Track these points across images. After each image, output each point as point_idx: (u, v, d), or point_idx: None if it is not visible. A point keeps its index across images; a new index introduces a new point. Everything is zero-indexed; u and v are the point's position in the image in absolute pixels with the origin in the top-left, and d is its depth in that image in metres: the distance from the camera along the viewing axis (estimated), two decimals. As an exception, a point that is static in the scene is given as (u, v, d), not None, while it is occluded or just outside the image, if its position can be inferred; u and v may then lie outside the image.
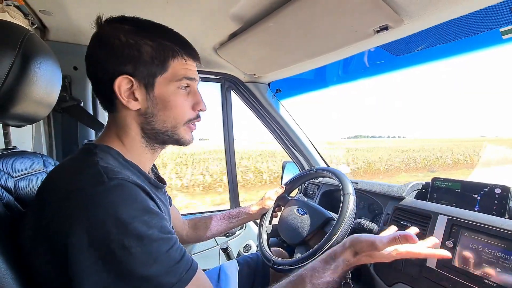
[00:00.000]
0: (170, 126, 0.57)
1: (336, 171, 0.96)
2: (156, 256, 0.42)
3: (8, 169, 0.55)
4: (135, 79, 0.52)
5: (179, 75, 0.55)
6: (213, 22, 0.91)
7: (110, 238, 0.40)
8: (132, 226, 0.41)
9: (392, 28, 0.75)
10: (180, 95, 0.57)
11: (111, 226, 0.40)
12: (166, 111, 0.56)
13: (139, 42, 0.52)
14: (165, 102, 0.55)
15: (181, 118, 0.58)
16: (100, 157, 0.49)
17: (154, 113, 0.55)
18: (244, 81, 1.42)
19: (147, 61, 0.52)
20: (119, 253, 0.40)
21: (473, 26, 0.75)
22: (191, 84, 0.58)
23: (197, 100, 0.60)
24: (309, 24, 0.80)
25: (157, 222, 0.45)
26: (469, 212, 0.75)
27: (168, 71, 0.54)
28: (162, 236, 0.44)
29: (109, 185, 0.43)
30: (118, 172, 0.47)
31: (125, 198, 0.43)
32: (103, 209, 0.41)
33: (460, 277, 0.68)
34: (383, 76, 1.26)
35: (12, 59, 0.50)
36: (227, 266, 1.01)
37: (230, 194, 1.66)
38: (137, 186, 0.46)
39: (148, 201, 0.46)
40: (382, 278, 0.91)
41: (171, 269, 0.43)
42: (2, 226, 0.46)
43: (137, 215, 0.42)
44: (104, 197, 0.42)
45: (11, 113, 0.53)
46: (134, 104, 0.54)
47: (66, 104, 1.01)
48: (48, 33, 0.96)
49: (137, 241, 0.41)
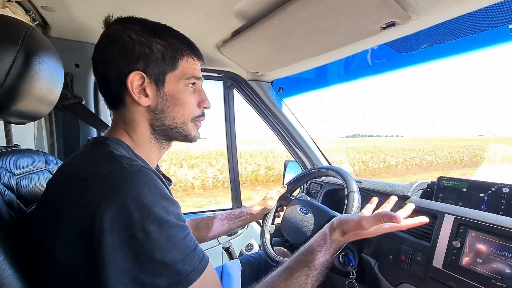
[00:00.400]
0: (179, 122, 0.59)
1: (340, 170, 0.95)
2: (174, 242, 0.43)
3: (9, 167, 0.54)
4: (146, 75, 0.54)
5: (188, 73, 0.58)
6: (216, 19, 0.90)
7: (132, 222, 0.40)
8: (153, 210, 0.42)
9: (399, 25, 0.73)
10: (188, 93, 0.59)
11: (134, 209, 0.41)
12: (176, 107, 0.58)
13: (149, 40, 0.54)
14: (174, 99, 0.57)
15: (189, 115, 0.60)
16: (113, 148, 0.51)
17: (164, 109, 0.57)
18: (246, 79, 1.41)
19: (158, 59, 0.54)
20: (140, 236, 0.40)
21: (481, 23, 0.74)
22: (197, 82, 0.61)
23: (202, 97, 0.62)
24: (314, 21, 0.79)
25: (174, 210, 0.46)
26: (476, 212, 0.74)
27: (178, 69, 0.57)
28: (178, 223, 0.45)
29: (130, 171, 0.44)
30: (135, 160, 0.48)
31: (147, 183, 0.44)
32: (126, 193, 0.42)
33: (467, 277, 0.68)
34: (385, 75, 1.25)
35: (14, 54, 0.49)
36: (229, 265, 1.01)
37: (232, 193, 1.66)
38: (154, 173, 0.48)
39: (165, 188, 0.48)
40: (387, 278, 0.90)
41: (187, 257, 0.44)
42: (4, 224, 0.45)
43: (158, 201, 0.44)
44: (126, 182, 0.43)
45: (12, 110, 0.52)
46: (145, 100, 0.55)
47: (68, 102, 1.00)
48: (49, 29, 0.95)
49: (158, 225, 0.42)
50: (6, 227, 0.45)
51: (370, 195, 1.13)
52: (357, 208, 0.80)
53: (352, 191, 0.84)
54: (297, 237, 0.94)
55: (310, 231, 0.91)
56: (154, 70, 0.54)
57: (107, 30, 0.55)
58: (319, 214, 0.94)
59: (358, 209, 0.80)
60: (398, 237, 0.88)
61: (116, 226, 0.40)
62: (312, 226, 0.92)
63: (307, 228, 0.93)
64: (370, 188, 1.13)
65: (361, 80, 1.36)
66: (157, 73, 0.55)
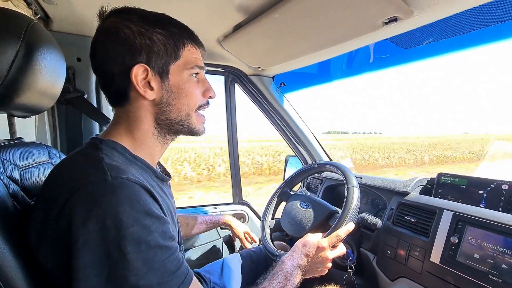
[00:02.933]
0: (184, 114, 0.57)
1: (339, 165, 0.95)
2: (151, 265, 0.41)
3: (14, 160, 0.55)
4: (150, 68, 0.52)
5: (191, 62, 0.56)
6: (218, 13, 0.89)
7: (108, 239, 0.39)
8: (131, 229, 0.40)
9: (401, 20, 0.73)
10: (192, 82, 0.58)
11: (110, 227, 0.39)
12: (181, 99, 0.56)
13: (150, 30, 0.51)
14: (179, 90, 0.56)
15: (193, 105, 0.58)
16: (105, 154, 0.48)
17: (169, 102, 0.55)
18: (248, 74, 1.40)
19: (160, 49, 0.52)
20: (115, 255, 0.39)
21: (485, 17, 0.73)
22: (200, 72, 0.59)
23: (206, 87, 0.61)
24: (316, 15, 0.78)
25: (158, 227, 0.44)
26: (475, 208, 0.75)
27: (180, 59, 0.55)
28: (160, 243, 0.43)
29: (112, 184, 0.42)
30: (123, 171, 0.45)
31: (129, 198, 0.42)
32: (104, 208, 0.40)
33: (464, 273, 0.68)
34: (384, 72, 1.24)
35: (16, 48, 0.49)
36: (230, 259, 1.02)
37: (233, 187, 1.67)
38: (141, 186, 0.45)
39: (151, 204, 0.45)
40: (385, 273, 0.92)
41: (164, 281, 0.42)
42: (9, 216, 0.46)
43: (138, 218, 0.41)
44: (106, 196, 0.41)
45: (15, 103, 0.53)
46: (150, 93, 0.53)
47: (70, 96, 1.00)
48: (51, 23, 0.95)
49: (135, 246, 0.40)
50: (11, 219, 0.46)
51: (370, 191, 1.14)
52: (356, 202, 0.80)
53: (352, 186, 0.84)
54: (297, 231, 0.95)
55: (310, 225, 0.92)
56: (157, 61, 0.52)
57: (104, 23, 0.52)
58: (319, 208, 0.95)
59: (357, 204, 0.81)
60: (396, 232, 0.89)
61: (91, 242, 0.39)
62: (311, 220, 0.93)
63: (306, 222, 0.93)
64: (370, 184, 1.14)
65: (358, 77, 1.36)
66: (160, 65, 0.53)
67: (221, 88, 1.54)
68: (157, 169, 0.61)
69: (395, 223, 0.92)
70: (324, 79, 1.50)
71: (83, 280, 0.39)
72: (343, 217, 0.78)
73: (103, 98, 1.12)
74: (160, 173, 0.61)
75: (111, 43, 0.51)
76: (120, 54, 0.51)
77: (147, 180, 0.51)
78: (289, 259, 0.72)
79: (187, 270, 0.48)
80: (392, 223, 0.92)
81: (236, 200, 1.67)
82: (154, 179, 0.57)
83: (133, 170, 0.49)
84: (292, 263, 0.71)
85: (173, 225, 0.56)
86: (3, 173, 0.50)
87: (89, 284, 0.39)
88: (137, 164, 0.54)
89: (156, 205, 0.47)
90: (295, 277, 0.69)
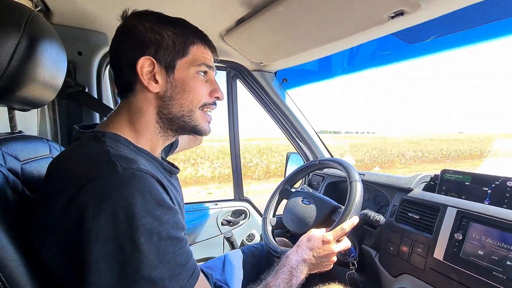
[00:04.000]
0: (186, 110, 0.57)
1: (341, 161, 0.95)
2: (163, 257, 0.41)
3: (14, 153, 0.54)
4: (157, 61, 0.53)
5: (198, 60, 0.57)
6: (220, 6, 0.88)
7: (120, 232, 0.39)
8: (144, 220, 0.40)
9: (407, 14, 0.72)
10: (198, 80, 0.58)
11: (123, 220, 0.39)
12: (184, 94, 0.56)
13: (161, 27, 0.54)
14: (184, 85, 0.56)
15: (197, 102, 0.58)
16: (110, 146, 0.48)
17: (172, 96, 0.56)
18: (250, 69, 1.39)
19: (169, 45, 0.54)
20: (127, 249, 0.39)
21: (493, 12, 0.72)
22: (209, 72, 0.60)
23: (214, 87, 0.61)
24: (320, 9, 0.77)
25: (170, 218, 0.44)
26: (479, 205, 0.74)
27: (188, 55, 0.56)
28: (172, 234, 0.43)
29: (123, 175, 0.42)
30: (132, 160, 0.45)
31: (140, 189, 0.41)
32: (116, 200, 0.39)
33: (468, 269, 0.68)
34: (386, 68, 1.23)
35: (17, 39, 0.48)
36: (231, 255, 1.02)
37: (234, 184, 1.66)
38: (152, 176, 0.45)
39: (162, 194, 0.45)
40: (387, 269, 0.91)
41: (175, 274, 0.42)
42: (10, 209, 0.45)
43: (150, 209, 0.41)
44: (117, 188, 0.40)
45: (16, 96, 0.52)
46: (155, 86, 0.54)
47: (71, 90, 0.99)
48: (51, 16, 0.94)
49: (147, 237, 0.40)
50: (12, 212, 0.45)
51: (372, 187, 1.13)
52: (360, 196, 0.80)
53: (355, 180, 0.83)
54: (300, 227, 0.95)
55: (313, 221, 0.92)
56: (164, 56, 0.54)
57: (123, 22, 0.56)
58: (321, 204, 0.94)
59: (360, 198, 0.80)
60: (399, 229, 0.89)
61: (103, 236, 0.38)
62: (314, 216, 0.92)
63: (309, 218, 0.93)
64: (373, 180, 1.13)
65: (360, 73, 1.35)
66: (168, 60, 0.54)
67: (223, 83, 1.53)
68: (163, 162, 0.61)
69: (398, 219, 0.91)
70: (326, 75, 1.48)
71: (95, 275, 0.38)
72: (347, 211, 0.78)
73: (104, 93, 1.11)
74: (167, 165, 0.61)
75: (125, 38, 0.54)
76: (130, 48, 0.53)
77: (154, 171, 0.50)
78: (294, 254, 0.72)
79: (195, 263, 0.48)
80: (395, 219, 0.92)
81: (237, 196, 1.67)
82: (161, 170, 0.58)
83: (142, 160, 0.49)
84: (297, 258, 0.70)
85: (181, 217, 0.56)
86: (3, 165, 0.49)
87: (102, 279, 0.38)
88: (143, 155, 0.54)
89: (167, 196, 0.47)
90: (300, 272, 0.68)
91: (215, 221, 1.55)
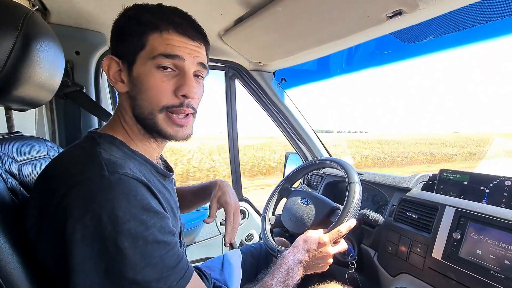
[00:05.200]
0: (147, 113, 0.51)
1: (341, 161, 0.95)
2: (150, 260, 0.40)
3: (12, 153, 0.54)
4: (120, 59, 0.51)
5: (154, 51, 0.48)
6: (219, 6, 0.87)
7: (105, 235, 0.38)
8: (128, 225, 0.39)
9: (406, 14, 0.72)
10: (155, 76, 0.49)
11: (107, 222, 0.39)
12: (142, 94, 0.50)
13: (122, 19, 0.51)
14: (140, 83, 0.50)
15: (156, 104, 0.50)
16: (103, 148, 0.48)
17: (134, 96, 0.51)
18: (249, 69, 1.39)
19: (125, 37, 0.50)
20: (111, 250, 0.38)
21: (492, 11, 0.72)
22: (178, 64, 0.50)
23: (180, 83, 0.51)
24: (318, 8, 0.77)
25: (157, 222, 0.43)
26: (477, 204, 0.74)
27: (145, 48, 0.49)
28: (159, 239, 0.42)
29: (109, 180, 0.41)
30: (120, 166, 0.44)
31: (126, 194, 0.41)
32: (101, 204, 0.39)
33: (466, 268, 0.68)
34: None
35: (13, 39, 0.48)
36: (230, 255, 1.01)
37: (233, 184, 1.66)
38: (139, 181, 0.44)
39: (148, 198, 0.44)
40: (386, 269, 0.91)
41: (162, 277, 0.42)
42: (7, 210, 0.45)
43: (135, 213, 0.41)
44: (102, 192, 0.40)
45: (13, 96, 0.52)
46: (121, 86, 0.52)
47: (68, 90, 0.99)
48: (49, 15, 0.93)
49: (131, 241, 0.39)
50: (9, 213, 0.45)
51: (371, 187, 1.14)
52: (358, 199, 0.80)
53: (354, 182, 0.84)
54: (298, 227, 0.95)
55: (311, 221, 0.92)
56: (124, 51, 0.50)
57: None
58: (320, 205, 0.94)
59: (359, 201, 0.80)
60: (398, 228, 0.89)
61: (88, 238, 0.38)
62: (312, 217, 0.92)
63: (307, 219, 0.93)
64: (372, 180, 1.13)
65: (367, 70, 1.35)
66: (127, 55, 0.50)
67: (222, 83, 1.52)
68: (158, 165, 0.60)
69: (396, 219, 0.91)
70: (325, 75, 1.48)
71: (81, 276, 0.38)
72: (344, 213, 0.78)
73: (102, 92, 1.10)
74: (161, 168, 0.60)
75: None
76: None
77: (145, 175, 0.50)
78: (290, 255, 0.72)
79: (187, 265, 0.48)
80: (394, 219, 0.92)
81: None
82: (154, 174, 0.56)
83: (131, 165, 0.48)
84: (294, 259, 0.71)
85: (174, 220, 0.55)
86: (1, 166, 0.49)
87: (87, 279, 0.38)
88: (136, 159, 0.53)
89: (155, 200, 0.46)
90: (296, 273, 0.69)
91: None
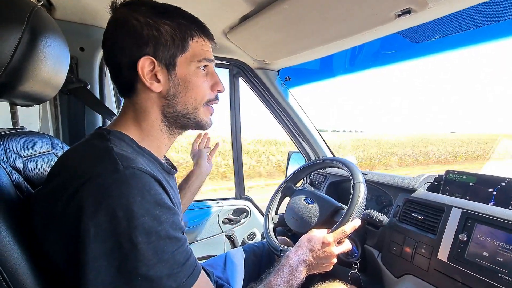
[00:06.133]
0: (191, 108, 0.57)
1: (345, 161, 0.94)
2: (161, 256, 0.41)
3: (16, 149, 0.53)
4: (156, 60, 0.52)
5: (199, 55, 0.55)
6: (224, 3, 0.87)
7: (119, 231, 0.39)
8: (143, 219, 0.40)
9: (415, 12, 0.71)
10: (200, 76, 0.56)
11: (122, 218, 0.39)
12: (188, 92, 0.55)
13: (158, 21, 0.51)
14: (186, 83, 0.55)
15: (201, 99, 0.57)
16: (114, 144, 0.48)
17: (175, 94, 0.55)
18: (253, 67, 1.38)
19: (168, 41, 0.52)
20: (125, 247, 0.39)
21: (503, 10, 0.71)
22: (209, 65, 0.58)
23: (215, 80, 0.59)
24: (325, 6, 0.76)
25: (169, 218, 0.44)
26: (485, 206, 0.74)
27: (188, 51, 0.54)
28: (170, 234, 0.43)
29: (124, 174, 0.42)
30: (133, 161, 0.45)
31: (140, 188, 0.42)
32: (115, 199, 0.39)
33: (472, 270, 0.68)
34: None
35: (19, 34, 0.47)
36: (233, 253, 1.01)
37: (235, 182, 1.66)
38: (151, 176, 0.45)
39: (161, 194, 0.45)
40: (390, 270, 0.91)
41: (173, 273, 0.42)
42: (13, 206, 0.45)
43: (150, 209, 0.41)
44: (117, 187, 0.40)
45: (18, 91, 0.51)
46: (157, 86, 0.53)
47: (73, 86, 0.98)
48: (54, 11, 0.93)
49: (145, 236, 0.40)
50: (14, 208, 0.45)
51: (375, 187, 1.13)
52: (363, 199, 0.79)
53: (358, 182, 0.83)
54: (301, 226, 0.94)
55: (315, 221, 0.91)
56: (164, 53, 0.52)
57: (114, 14, 0.53)
58: (324, 204, 0.94)
59: (363, 201, 0.80)
60: (403, 229, 0.88)
61: (102, 234, 0.38)
62: (316, 216, 0.92)
63: (311, 218, 0.92)
64: (376, 180, 1.13)
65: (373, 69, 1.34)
66: (168, 57, 0.52)
67: (226, 81, 1.52)
68: (164, 162, 0.60)
69: (401, 220, 0.91)
70: (330, 74, 1.48)
71: (93, 272, 0.38)
72: (349, 213, 0.78)
73: (106, 89, 1.10)
74: (166, 166, 0.61)
75: (119, 34, 0.51)
76: (127, 46, 0.51)
77: (154, 171, 0.50)
78: (294, 254, 0.71)
79: (195, 262, 0.48)
80: (399, 220, 0.91)
81: (238, 195, 1.67)
82: (160, 171, 0.57)
83: (141, 161, 0.48)
84: (297, 258, 0.70)
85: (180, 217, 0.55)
86: (6, 162, 0.49)
87: (99, 276, 0.38)
88: (144, 155, 0.54)
89: (166, 196, 0.47)
90: (300, 272, 0.68)
91: (216, 220, 1.55)
